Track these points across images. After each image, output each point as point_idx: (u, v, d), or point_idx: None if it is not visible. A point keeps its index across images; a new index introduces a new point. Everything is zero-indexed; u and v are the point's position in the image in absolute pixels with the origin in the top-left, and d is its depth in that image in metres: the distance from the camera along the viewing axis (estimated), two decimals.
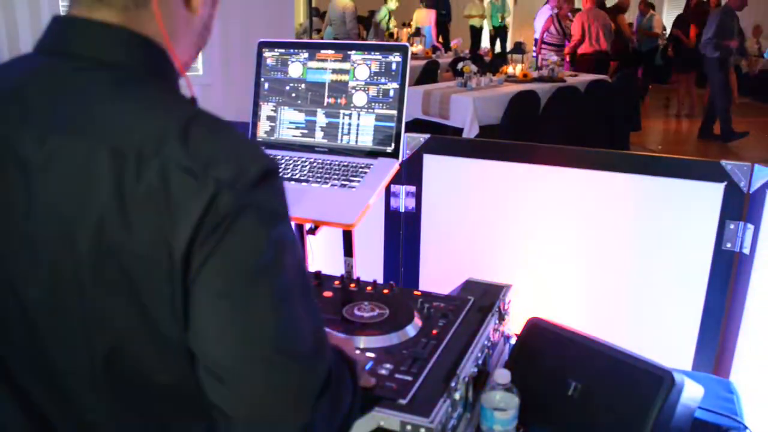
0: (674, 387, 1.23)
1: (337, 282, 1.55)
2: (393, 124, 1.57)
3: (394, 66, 1.57)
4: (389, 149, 1.58)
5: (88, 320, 0.78)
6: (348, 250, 1.73)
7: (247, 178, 0.75)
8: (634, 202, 1.79)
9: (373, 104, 1.59)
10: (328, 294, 1.49)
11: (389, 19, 10.59)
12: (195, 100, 0.89)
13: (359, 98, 1.60)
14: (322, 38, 9.66)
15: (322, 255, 2.03)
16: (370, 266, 2.10)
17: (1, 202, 0.78)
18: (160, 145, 0.74)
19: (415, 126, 6.21)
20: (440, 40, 11.22)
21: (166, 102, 0.81)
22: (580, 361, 1.35)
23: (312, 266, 1.85)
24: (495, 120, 5.76)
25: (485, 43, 12.73)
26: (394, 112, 1.57)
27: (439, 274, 2.07)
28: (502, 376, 1.25)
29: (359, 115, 1.60)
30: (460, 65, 6.41)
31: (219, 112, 0.83)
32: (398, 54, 1.57)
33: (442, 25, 11.76)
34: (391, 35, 10.00)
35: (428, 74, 7.83)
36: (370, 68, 1.59)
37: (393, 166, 1.56)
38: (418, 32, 9.90)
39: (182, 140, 0.75)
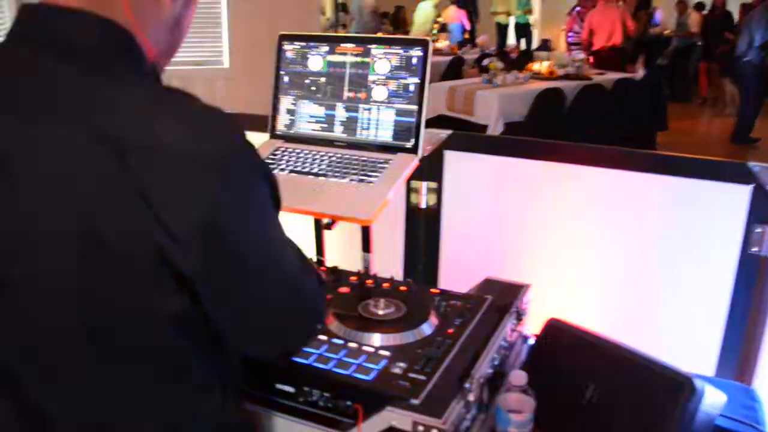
0: (695, 394, 1.20)
1: (354, 278, 1.54)
2: (413, 120, 1.55)
3: (414, 60, 1.55)
4: (408, 145, 1.56)
5: (75, 299, 0.80)
6: (366, 246, 1.71)
7: (220, 153, 0.79)
8: (657, 203, 1.75)
9: (392, 99, 1.57)
10: (344, 290, 1.47)
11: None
12: (158, 73, 0.93)
13: (379, 93, 1.58)
14: (348, 33, 9.66)
15: (340, 250, 2.02)
16: (389, 263, 2.08)
17: None
18: (135, 129, 0.77)
19: (439, 122, 6.18)
20: (466, 36, 11.17)
21: (139, 85, 0.84)
22: (598, 365, 1.33)
23: (329, 261, 1.84)
24: (520, 117, 5.73)
25: (511, 40, 12.65)
26: (414, 107, 1.55)
27: (459, 271, 2.05)
28: (519, 377, 1.23)
29: (379, 109, 1.58)
30: (485, 62, 6.37)
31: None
32: (419, 48, 1.54)
33: (470, 24, 11.72)
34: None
35: (453, 70, 7.79)
36: (390, 62, 1.57)
37: (412, 162, 1.53)
38: (444, 28, 9.86)
39: (156, 123, 0.78)
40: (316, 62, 1.65)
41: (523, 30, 12.52)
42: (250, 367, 1.20)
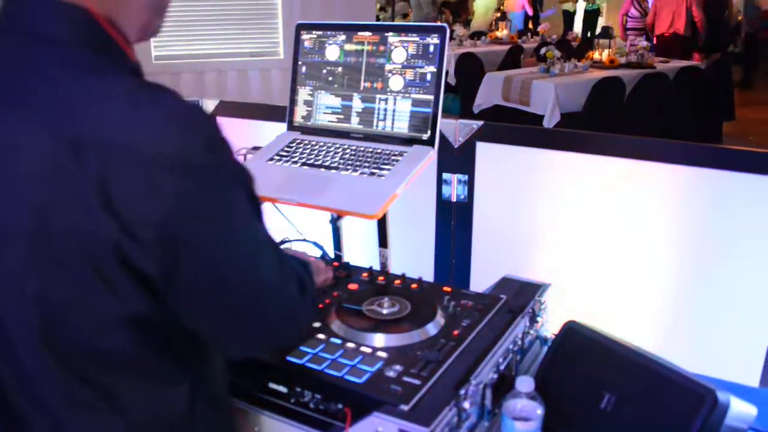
0: (717, 407, 1.10)
1: (365, 274, 1.49)
2: (429, 110, 1.49)
3: (431, 48, 1.48)
4: (425, 136, 1.50)
5: (33, 300, 0.79)
6: (383, 241, 1.66)
7: (187, 156, 0.75)
8: (701, 199, 1.62)
9: (409, 89, 1.51)
10: (353, 286, 1.43)
11: None
12: (138, 68, 0.88)
13: (396, 82, 1.52)
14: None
15: (362, 244, 1.97)
16: (420, 258, 2.02)
17: None
18: (100, 126, 0.74)
19: (495, 112, 6.07)
20: (530, 25, 10.95)
21: (110, 80, 0.79)
22: (616, 372, 1.24)
23: (355, 256, 1.80)
24: (578, 107, 5.56)
25: (578, 28, 12.33)
26: (431, 97, 1.49)
27: (491, 268, 1.97)
28: (525, 383, 1.16)
29: (395, 100, 1.53)
30: (543, 50, 6.19)
31: None
32: (436, 36, 1.48)
33: (533, 10, 11.48)
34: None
35: (511, 60, 7.63)
36: (407, 51, 1.51)
37: (427, 154, 1.47)
38: (504, 17, 9.67)
39: (122, 121, 0.74)
40: (333, 52, 1.60)
41: (592, 17, 12.18)
42: (245, 366, 1.18)
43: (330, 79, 1.61)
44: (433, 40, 1.49)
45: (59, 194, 0.74)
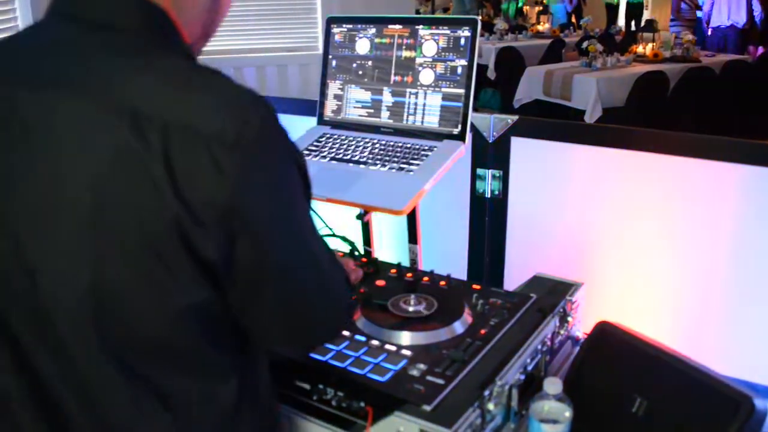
0: (754, 415, 1.06)
1: (393, 270, 1.47)
2: (460, 104, 1.46)
3: (462, 41, 1.46)
4: (455, 131, 1.47)
5: (87, 278, 0.77)
6: (412, 237, 1.64)
7: (247, 133, 0.75)
8: (742, 198, 1.57)
9: (440, 82, 1.48)
10: (381, 283, 1.41)
11: None
12: (191, 53, 0.90)
13: (426, 76, 1.50)
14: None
15: (394, 240, 1.95)
16: (454, 255, 1.99)
17: (3, 160, 0.79)
18: (160, 105, 0.74)
19: (536, 107, 5.99)
20: (573, 19, 10.78)
21: (169, 63, 0.81)
22: (649, 375, 1.20)
23: (378, 252, 1.78)
24: (620, 102, 5.45)
25: (621, 21, 12.09)
26: (462, 91, 1.46)
27: (525, 264, 1.93)
28: (553, 385, 1.13)
29: (426, 94, 1.50)
30: (585, 44, 6.08)
31: None
32: (467, 28, 1.45)
33: (577, 4, 11.30)
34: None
35: (553, 54, 7.51)
36: (437, 44, 1.49)
37: (457, 150, 1.45)
38: (545, 10, 9.54)
39: (182, 100, 0.75)
40: (363, 45, 1.58)
41: (636, 10, 11.92)
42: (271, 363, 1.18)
43: (360, 72, 1.59)
44: (464, 33, 1.46)
45: (123, 174, 0.73)
